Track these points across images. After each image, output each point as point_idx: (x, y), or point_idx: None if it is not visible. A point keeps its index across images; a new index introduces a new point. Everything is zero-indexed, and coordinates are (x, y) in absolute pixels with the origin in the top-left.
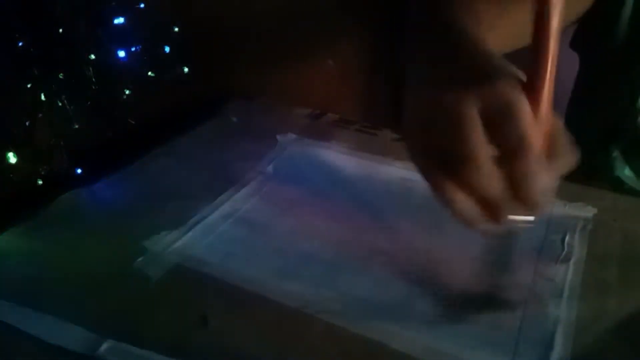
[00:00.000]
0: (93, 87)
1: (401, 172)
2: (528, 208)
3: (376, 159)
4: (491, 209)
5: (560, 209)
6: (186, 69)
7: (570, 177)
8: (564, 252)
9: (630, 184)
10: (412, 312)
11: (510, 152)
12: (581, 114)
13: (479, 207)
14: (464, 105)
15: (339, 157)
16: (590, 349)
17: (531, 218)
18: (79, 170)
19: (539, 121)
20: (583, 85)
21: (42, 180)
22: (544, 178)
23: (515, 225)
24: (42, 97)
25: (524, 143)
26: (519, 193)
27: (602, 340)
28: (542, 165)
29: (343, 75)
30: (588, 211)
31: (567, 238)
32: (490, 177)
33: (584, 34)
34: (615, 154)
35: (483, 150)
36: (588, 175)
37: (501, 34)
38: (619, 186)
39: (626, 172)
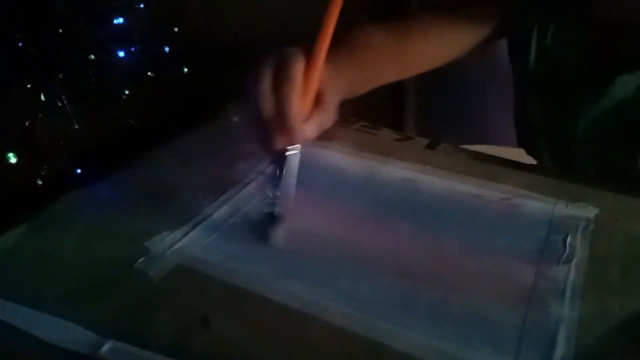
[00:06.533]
0: (93, 87)
1: (402, 172)
2: (288, 131)
3: (377, 158)
4: (266, 130)
5: (562, 209)
6: (186, 69)
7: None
8: (566, 253)
9: None
10: (413, 312)
11: (280, 82)
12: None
13: (262, 130)
14: (264, 58)
15: (339, 157)
16: (592, 349)
17: (296, 146)
18: (79, 170)
19: (310, 77)
20: None
21: (42, 180)
22: (301, 109)
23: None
24: (42, 97)
25: (289, 76)
26: (281, 114)
27: (604, 340)
28: (307, 104)
29: None
30: (590, 211)
31: (569, 238)
32: (265, 95)
33: None
34: None
35: (265, 77)
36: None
37: (413, 55)
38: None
39: None
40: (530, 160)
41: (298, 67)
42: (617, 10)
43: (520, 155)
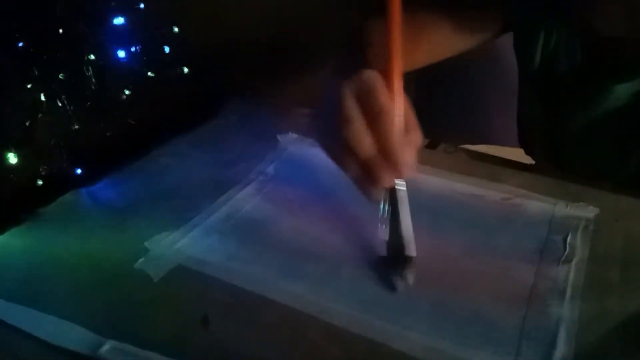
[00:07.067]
0: (93, 87)
1: None
2: (396, 166)
3: None
4: (370, 170)
5: (562, 209)
6: (186, 69)
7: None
8: (566, 253)
9: None
10: (413, 312)
11: (375, 116)
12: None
13: (364, 170)
14: (341, 86)
15: None
16: (592, 349)
17: (403, 182)
18: (79, 170)
19: (394, 98)
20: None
21: (42, 180)
22: (405, 140)
23: (393, 189)
24: (42, 97)
25: (385, 108)
26: (385, 150)
27: (604, 340)
28: (402, 132)
29: None
30: (590, 211)
31: (569, 238)
32: (362, 133)
33: None
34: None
35: (355, 113)
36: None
37: (423, 50)
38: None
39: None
40: (529, 160)
41: (387, 96)
42: (614, 25)
43: (520, 155)
